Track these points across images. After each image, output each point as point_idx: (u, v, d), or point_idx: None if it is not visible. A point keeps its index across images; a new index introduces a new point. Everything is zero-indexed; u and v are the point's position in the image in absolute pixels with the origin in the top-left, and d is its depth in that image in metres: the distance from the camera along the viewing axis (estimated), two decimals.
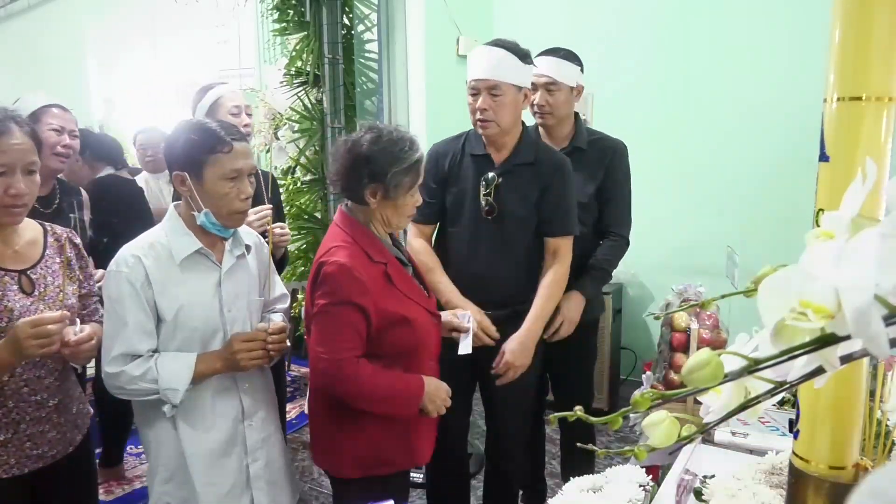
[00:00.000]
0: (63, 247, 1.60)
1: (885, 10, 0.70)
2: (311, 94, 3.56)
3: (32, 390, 1.49)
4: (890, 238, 0.39)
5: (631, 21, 3.70)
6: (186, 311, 1.57)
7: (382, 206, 1.66)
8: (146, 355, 1.55)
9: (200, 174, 1.56)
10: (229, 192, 1.58)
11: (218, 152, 1.55)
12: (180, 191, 1.59)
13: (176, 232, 1.61)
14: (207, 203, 1.58)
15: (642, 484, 1.42)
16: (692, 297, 3.21)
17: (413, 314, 1.69)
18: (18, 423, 1.46)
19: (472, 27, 3.85)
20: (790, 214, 2.80)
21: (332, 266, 1.59)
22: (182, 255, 1.58)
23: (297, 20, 3.51)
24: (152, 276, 1.54)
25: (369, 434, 1.70)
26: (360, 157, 1.61)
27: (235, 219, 1.64)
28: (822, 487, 0.80)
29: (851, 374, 0.79)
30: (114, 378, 1.53)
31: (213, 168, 1.56)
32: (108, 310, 1.55)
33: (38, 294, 1.50)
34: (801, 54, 3.11)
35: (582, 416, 0.53)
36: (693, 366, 0.47)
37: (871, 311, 0.38)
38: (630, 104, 3.73)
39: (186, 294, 1.58)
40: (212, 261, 1.63)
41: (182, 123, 1.61)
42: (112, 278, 1.53)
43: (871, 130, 0.73)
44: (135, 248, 1.57)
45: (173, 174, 1.58)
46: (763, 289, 0.46)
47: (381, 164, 1.60)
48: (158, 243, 1.59)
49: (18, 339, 1.34)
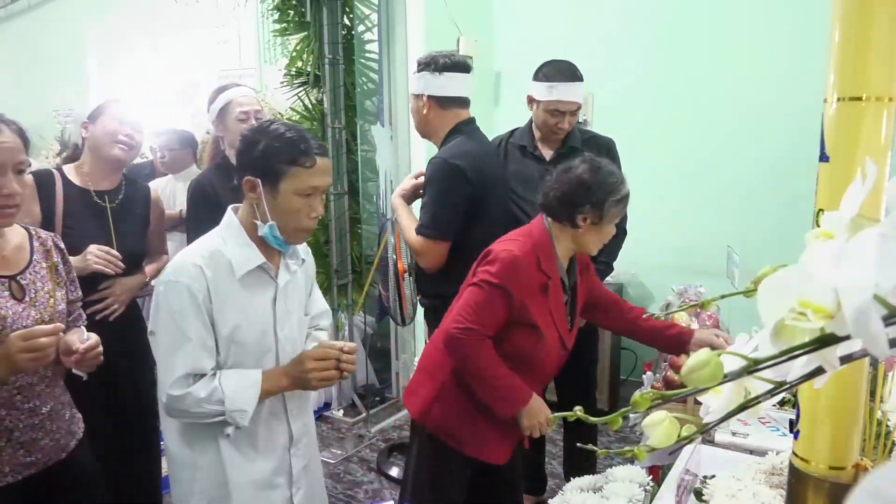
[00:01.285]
0: (49, 251, 1.54)
1: (884, 11, 0.70)
2: (312, 94, 3.56)
3: (25, 398, 1.45)
4: (890, 238, 0.39)
5: (631, 21, 3.70)
6: (243, 328, 1.48)
7: (587, 230, 1.75)
8: (209, 374, 1.45)
9: (276, 185, 1.45)
10: (301, 208, 1.47)
11: (299, 165, 1.44)
12: (248, 197, 1.49)
13: (237, 242, 1.50)
14: (275, 215, 1.47)
15: (642, 484, 1.42)
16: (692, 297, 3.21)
17: (546, 330, 1.76)
18: (12, 431, 1.42)
19: (472, 27, 3.85)
20: (790, 214, 2.80)
21: (506, 252, 1.71)
22: (243, 269, 1.48)
23: (298, 20, 3.51)
24: (213, 289, 1.43)
25: (460, 403, 1.77)
26: (582, 184, 1.71)
27: (300, 236, 1.55)
28: (822, 488, 0.80)
29: (851, 375, 0.79)
30: (178, 401, 1.42)
31: (291, 181, 1.45)
32: (164, 323, 1.44)
33: (30, 300, 1.44)
34: (800, 54, 3.11)
35: (581, 416, 0.53)
36: (693, 366, 0.47)
37: (870, 311, 0.38)
38: (630, 104, 3.73)
39: (243, 310, 1.48)
40: (270, 276, 1.54)
41: (266, 126, 1.50)
42: (171, 289, 1.42)
43: (871, 130, 0.73)
44: (195, 256, 1.45)
45: (243, 179, 1.48)
46: (763, 289, 0.46)
47: (601, 192, 1.70)
48: (218, 253, 1.47)
49: (10, 354, 1.28)
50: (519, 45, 3.97)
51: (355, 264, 3.68)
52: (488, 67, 4.09)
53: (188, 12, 4.17)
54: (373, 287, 3.71)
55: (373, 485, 3.00)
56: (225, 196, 2.21)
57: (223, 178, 2.25)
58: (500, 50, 4.11)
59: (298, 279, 1.63)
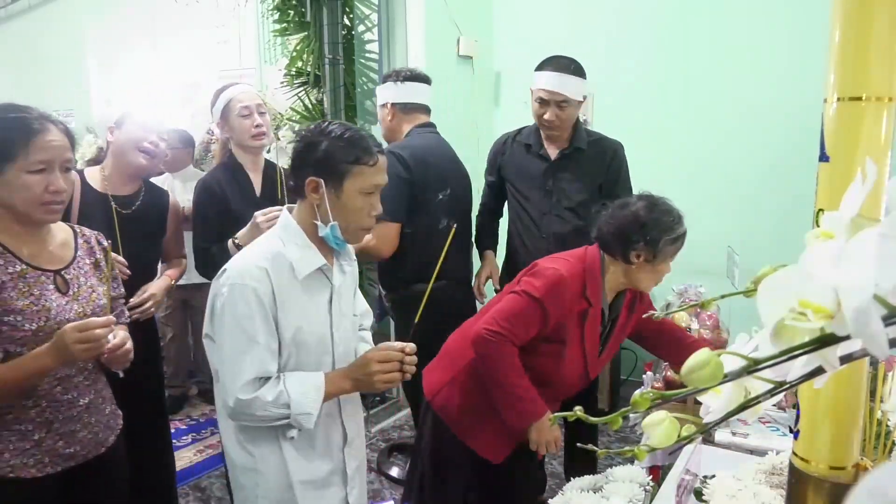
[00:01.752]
0: (92, 248, 1.60)
1: (884, 10, 0.70)
2: (312, 94, 3.56)
3: (64, 389, 1.48)
4: (889, 238, 0.39)
5: (631, 21, 3.70)
6: (304, 330, 1.48)
7: (641, 267, 1.76)
8: (274, 377, 1.44)
9: (340, 185, 1.45)
10: (363, 206, 1.48)
11: (363, 164, 1.45)
12: (310, 198, 1.47)
13: (297, 244, 1.48)
14: (338, 215, 1.47)
15: (643, 484, 1.42)
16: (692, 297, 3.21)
17: (572, 353, 1.78)
18: (51, 423, 1.46)
19: (472, 27, 3.85)
20: (790, 214, 2.80)
21: (553, 270, 1.74)
22: (305, 271, 1.47)
23: (298, 20, 3.51)
24: (277, 291, 1.43)
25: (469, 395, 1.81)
26: (637, 221, 1.73)
27: (360, 235, 1.55)
28: (822, 488, 0.80)
29: (851, 375, 0.79)
30: (246, 405, 1.41)
31: (355, 180, 1.45)
32: (228, 327, 1.43)
33: (73, 294, 1.49)
34: (801, 54, 3.11)
35: (581, 416, 0.53)
36: (692, 366, 0.47)
37: (870, 311, 0.38)
38: (630, 104, 3.73)
39: (304, 312, 1.48)
40: (327, 277, 1.53)
41: (324, 126, 1.49)
42: (237, 292, 1.41)
43: (871, 130, 0.73)
44: (258, 258, 1.44)
45: (306, 180, 1.45)
46: (763, 289, 0.46)
47: (656, 231, 1.72)
48: (279, 255, 1.46)
49: (65, 344, 1.33)
50: (519, 45, 3.97)
51: None
52: (488, 67, 4.09)
53: (188, 12, 4.16)
54: (372, 287, 3.71)
55: (373, 485, 2.99)
56: (233, 196, 2.22)
57: (230, 178, 2.26)
58: (500, 50, 4.11)
59: (348, 279, 1.63)
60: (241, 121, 2.23)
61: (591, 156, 2.47)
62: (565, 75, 2.37)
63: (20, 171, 1.37)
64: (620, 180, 2.49)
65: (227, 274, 1.45)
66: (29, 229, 1.46)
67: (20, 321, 1.38)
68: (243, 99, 2.25)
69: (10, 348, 1.38)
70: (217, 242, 2.16)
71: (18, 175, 1.37)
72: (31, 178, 1.38)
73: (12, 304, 1.38)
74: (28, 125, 1.39)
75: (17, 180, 1.38)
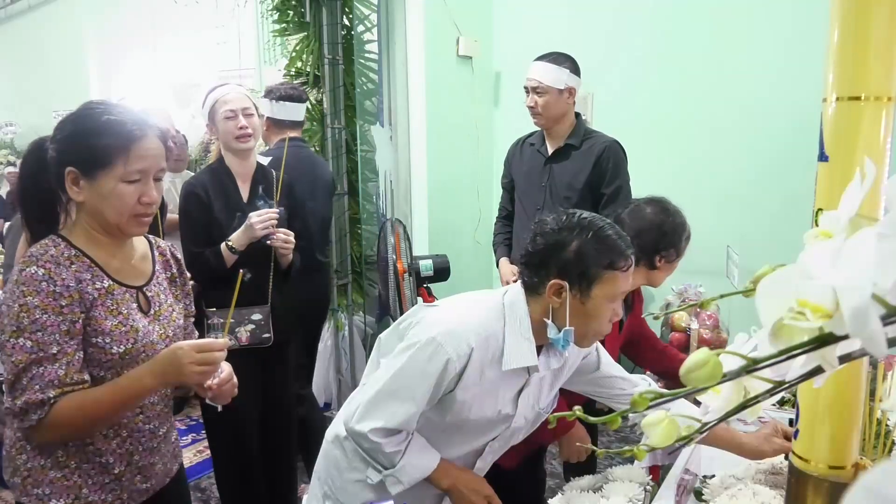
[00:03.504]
0: (168, 262, 1.47)
1: (883, 11, 0.70)
2: (312, 94, 3.55)
3: (146, 418, 1.37)
4: (888, 237, 0.39)
5: (630, 21, 3.70)
6: (475, 410, 1.37)
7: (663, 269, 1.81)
8: (403, 434, 1.36)
9: (587, 290, 1.29)
10: (607, 313, 1.33)
11: (617, 269, 1.30)
12: (550, 300, 1.32)
13: (518, 333, 1.34)
14: (577, 320, 1.31)
15: (642, 483, 1.42)
16: (692, 296, 3.21)
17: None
18: (132, 455, 1.34)
19: (472, 27, 3.85)
20: (789, 214, 2.79)
21: None
22: (513, 364, 1.34)
23: (297, 21, 3.51)
24: (468, 372, 1.31)
25: None
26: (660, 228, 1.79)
27: (593, 341, 1.42)
28: (821, 487, 0.80)
29: (850, 374, 0.79)
30: (363, 439, 1.35)
31: (605, 286, 1.29)
32: (404, 369, 1.33)
33: (153, 313, 1.36)
34: (800, 54, 3.11)
35: (581, 415, 0.53)
36: (691, 365, 0.47)
37: (868, 311, 0.38)
38: (629, 104, 3.73)
39: (482, 400, 1.37)
40: (529, 373, 1.40)
41: (573, 219, 1.33)
42: (432, 349, 1.30)
43: (870, 130, 0.73)
44: (473, 334, 1.31)
45: (548, 282, 1.31)
46: (761, 288, 0.46)
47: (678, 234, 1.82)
48: (495, 337, 1.34)
49: (179, 364, 1.21)
50: (519, 45, 3.97)
51: (355, 264, 3.68)
52: (488, 67, 4.09)
53: (188, 13, 4.16)
54: (372, 287, 3.71)
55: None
56: (216, 201, 2.19)
57: (216, 183, 2.22)
58: (500, 50, 4.11)
59: (548, 376, 1.47)
60: (225, 122, 2.17)
61: (581, 151, 2.51)
62: (543, 63, 2.46)
63: (116, 180, 1.24)
64: (608, 178, 2.49)
65: (434, 317, 1.36)
66: (114, 241, 1.33)
67: (108, 343, 1.26)
68: (228, 101, 2.19)
69: (93, 372, 1.26)
70: (207, 247, 2.15)
71: (113, 184, 1.25)
72: (127, 187, 1.25)
73: (102, 325, 1.25)
74: (129, 131, 1.26)
75: (111, 189, 1.25)
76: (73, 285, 1.22)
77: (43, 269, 1.20)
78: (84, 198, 1.26)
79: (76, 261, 1.25)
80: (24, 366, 1.17)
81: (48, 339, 1.18)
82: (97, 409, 1.23)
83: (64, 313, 1.20)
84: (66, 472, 1.28)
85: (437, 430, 1.40)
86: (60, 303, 1.20)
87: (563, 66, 2.45)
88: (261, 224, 2.09)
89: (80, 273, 1.25)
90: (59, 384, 1.19)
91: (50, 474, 1.27)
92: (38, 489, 1.27)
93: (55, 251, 1.24)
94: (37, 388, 1.18)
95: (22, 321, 1.17)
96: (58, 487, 1.28)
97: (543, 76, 2.44)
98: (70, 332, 1.21)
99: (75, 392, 1.21)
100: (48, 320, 1.19)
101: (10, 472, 1.30)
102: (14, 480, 1.29)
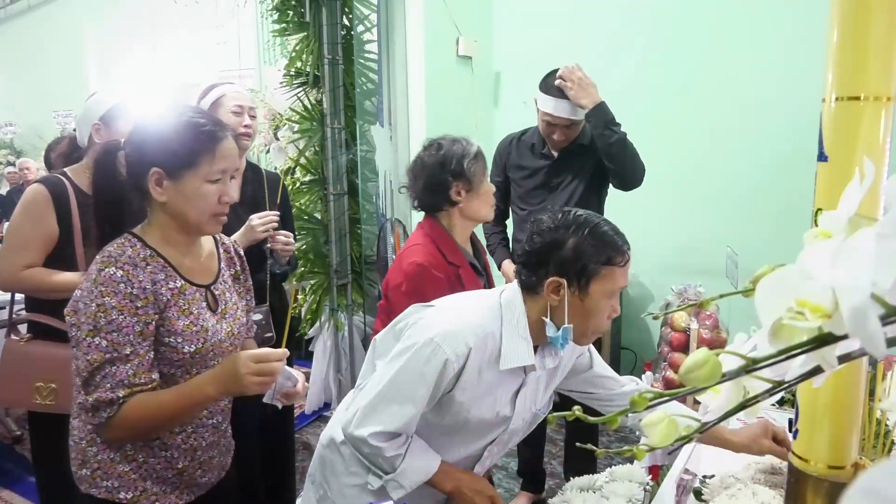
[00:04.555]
0: (232, 259, 1.49)
1: (882, 11, 0.70)
2: (311, 94, 3.56)
3: (210, 413, 1.39)
4: (887, 237, 0.39)
5: (630, 21, 3.70)
6: (473, 411, 1.37)
7: (466, 202, 1.86)
8: (402, 438, 1.36)
9: (586, 287, 1.29)
10: (606, 310, 1.33)
11: (615, 265, 1.29)
12: (548, 299, 1.32)
13: (515, 332, 1.35)
14: (575, 318, 1.32)
15: (642, 483, 1.42)
16: (692, 297, 3.21)
17: None
18: (195, 450, 1.37)
19: (472, 27, 3.85)
20: (789, 214, 2.80)
21: (412, 265, 1.78)
22: (510, 364, 1.34)
23: (297, 21, 3.51)
24: (466, 373, 1.31)
25: None
26: (444, 161, 1.83)
27: (591, 339, 1.41)
28: (821, 487, 0.80)
29: (850, 374, 0.79)
30: (366, 447, 1.34)
31: (604, 283, 1.29)
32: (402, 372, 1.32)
33: (221, 312, 1.38)
34: (799, 54, 3.11)
35: (580, 415, 0.53)
36: (690, 365, 0.47)
37: (867, 311, 0.38)
38: (629, 104, 3.72)
39: (481, 399, 1.36)
40: (525, 373, 1.40)
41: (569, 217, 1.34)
42: (430, 351, 1.29)
43: (870, 130, 0.73)
44: (470, 334, 1.31)
45: (546, 280, 1.31)
46: (761, 288, 0.46)
47: (458, 163, 1.83)
48: (492, 336, 1.33)
49: (237, 374, 1.21)
50: (519, 45, 3.97)
51: (355, 264, 3.68)
52: (488, 67, 4.09)
53: (188, 13, 4.17)
54: (372, 287, 3.71)
55: None
56: None
57: None
58: (499, 50, 4.11)
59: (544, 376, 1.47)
60: (230, 117, 2.14)
61: (591, 150, 2.49)
62: (565, 101, 2.41)
63: (201, 180, 1.28)
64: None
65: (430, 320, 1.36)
66: (187, 240, 1.35)
67: (180, 343, 1.29)
68: (237, 98, 2.18)
69: (163, 370, 1.29)
70: None
71: (198, 183, 1.28)
72: (209, 187, 1.29)
73: (174, 325, 1.28)
74: (213, 132, 1.30)
75: (195, 189, 1.28)
76: (148, 287, 1.25)
77: (121, 271, 1.22)
78: (167, 198, 1.28)
79: (151, 261, 1.28)
80: (99, 364, 1.20)
81: (122, 339, 1.21)
82: (161, 413, 1.25)
83: (139, 314, 1.23)
84: (133, 466, 1.31)
85: (437, 433, 1.40)
86: (136, 304, 1.22)
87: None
88: (262, 226, 2.09)
89: (155, 274, 1.27)
90: (128, 384, 1.22)
91: (118, 468, 1.30)
92: (107, 482, 1.30)
93: (132, 251, 1.26)
94: (108, 387, 1.21)
95: (99, 321, 1.20)
96: (125, 481, 1.31)
97: (575, 113, 2.42)
98: (143, 333, 1.24)
99: (144, 393, 1.23)
100: (124, 321, 1.21)
101: (78, 464, 1.32)
102: (83, 472, 1.31)
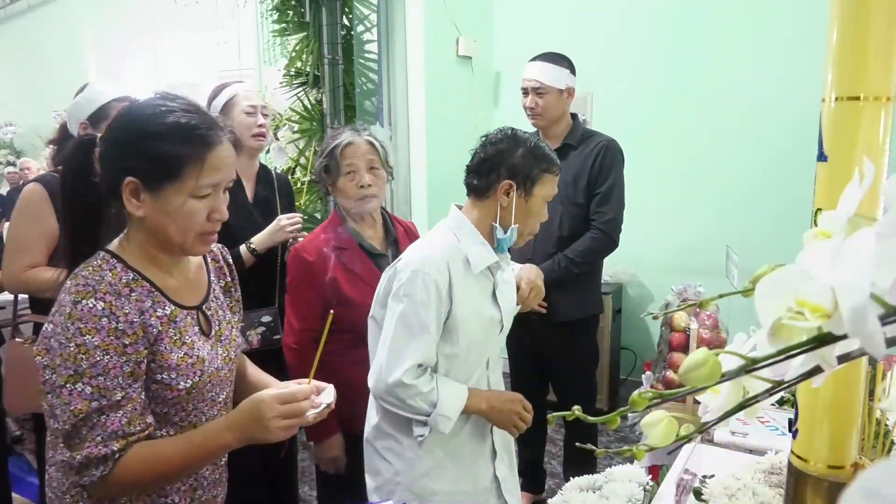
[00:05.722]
0: (221, 269, 1.31)
1: (882, 10, 0.70)
2: (311, 94, 3.56)
3: None
4: (887, 237, 0.39)
5: (630, 21, 3.70)
6: (473, 322, 1.51)
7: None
8: (429, 373, 1.47)
9: (531, 190, 1.51)
10: (543, 210, 1.55)
11: (552, 173, 1.53)
12: (499, 199, 1.51)
13: (473, 241, 1.53)
14: (520, 219, 1.52)
15: (642, 483, 1.42)
16: (692, 296, 3.20)
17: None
18: (195, 490, 1.21)
19: (472, 27, 3.85)
20: (789, 214, 2.80)
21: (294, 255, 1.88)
22: (480, 266, 1.51)
23: (297, 21, 3.51)
24: (454, 286, 1.47)
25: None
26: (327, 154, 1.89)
27: (528, 241, 1.60)
28: (820, 487, 0.80)
29: (850, 374, 0.79)
30: (404, 389, 1.42)
31: (543, 187, 1.52)
32: (405, 310, 1.42)
33: (215, 334, 1.21)
34: (799, 54, 3.11)
35: (580, 415, 0.53)
36: (690, 365, 0.47)
37: (867, 310, 0.38)
38: (629, 104, 3.73)
39: (477, 305, 1.52)
40: (492, 273, 1.57)
41: (515, 133, 1.55)
42: (420, 279, 1.43)
43: (869, 130, 0.73)
44: (439, 249, 1.49)
45: (500, 182, 1.50)
46: (760, 288, 0.46)
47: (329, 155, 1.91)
48: (456, 249, 1.51)
49: (264, 419, 1.05)
50: (519, 45, 3.97)
51: None
52: (488, 67, 4.09)
53: (188, 13, 4.17)
54: None
55: None
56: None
57: None
58: (499, 50, 4.11)
59: (507, 276, 1.65)
60: (245, 117, 2.15)
61: (579, 152, 2.47)
62: (542, 62, 2.42)
63: (184, 196, 1.07)
64: (602, 174, 2.43)
65: (406, 259, 1.49)
66: (172, 258, 1.16)
67: (174, 379, 1.10)
68: (250, 97, 2.20)
69: (155, 409, 1.11)
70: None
71: (182, 200, 1.07)
72: (196, 203, 1.08)
73: (167, 359, 1.10)
74: (204, 136, 1.07)
75: (178, 205, 1.07)
76: (136, 320, 1.05)
77: (102, 303, 1.02)
78: (144, 213, 1.07)
79: (135, 286, 1.08)
80: (85, 415, 1.01)
81: (111, 383, 1.02)
82: (167, 468, 1.08)
83: (128, 353, 1.04)
84: None
85: (458, 363, 1.52)
86: (124, 342, 1.03)
87: (562, 65, 2.42)
88: (291, 226, 2.08)
89: (142, 301, 1.08)
90: (123, 435, 1.03)
91: None
92: None
93: (111, 276, 1.06)
94: (99, 441, 1.02)
95: (80, 364, 1.00)
96: None
97: (543, 76, 2.41)
98: (134, 373, 1.05)
99: (142, 443, 1.06)
100: (111, 362, 1.02)
101: None
102: None
